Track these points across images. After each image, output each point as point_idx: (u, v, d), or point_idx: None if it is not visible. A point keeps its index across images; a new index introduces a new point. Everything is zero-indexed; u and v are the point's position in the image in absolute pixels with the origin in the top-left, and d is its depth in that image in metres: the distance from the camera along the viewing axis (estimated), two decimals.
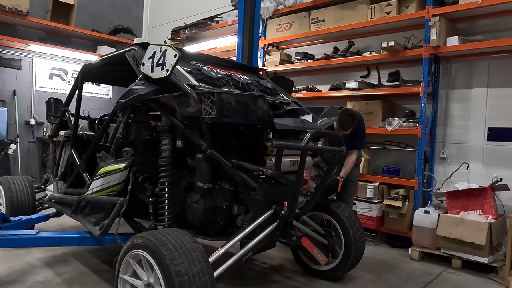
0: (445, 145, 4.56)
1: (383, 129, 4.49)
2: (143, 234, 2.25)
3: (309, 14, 5.36)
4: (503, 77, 4.16)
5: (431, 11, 4.17)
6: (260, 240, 2.59)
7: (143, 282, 2.24)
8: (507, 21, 4.09)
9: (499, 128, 4.18)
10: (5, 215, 3.33)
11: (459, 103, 4.49)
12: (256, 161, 2.76)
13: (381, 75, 4.99)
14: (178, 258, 2.03)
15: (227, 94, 2.43)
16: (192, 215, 2.83)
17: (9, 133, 6.75)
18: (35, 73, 7.19)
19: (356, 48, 5.14)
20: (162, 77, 2.58)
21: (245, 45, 4.41)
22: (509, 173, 4.01)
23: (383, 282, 3.40)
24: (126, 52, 3.01)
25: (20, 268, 3.30)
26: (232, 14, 6.21)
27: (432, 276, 3.57)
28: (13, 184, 3.91)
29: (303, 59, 5.48)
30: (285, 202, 2.79)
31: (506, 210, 3.89)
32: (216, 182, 2.81)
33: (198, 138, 2.65)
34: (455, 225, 3.71)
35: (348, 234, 3.19)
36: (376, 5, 4.69)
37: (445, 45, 4.16)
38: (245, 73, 3.36)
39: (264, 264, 3.70)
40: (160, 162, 2.79)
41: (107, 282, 3.08)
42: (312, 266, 3.42)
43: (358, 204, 4.54)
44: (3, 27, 6.57)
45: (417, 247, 4.04)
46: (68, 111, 3.94)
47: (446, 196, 3.99)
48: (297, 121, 2.96)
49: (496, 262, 3.59)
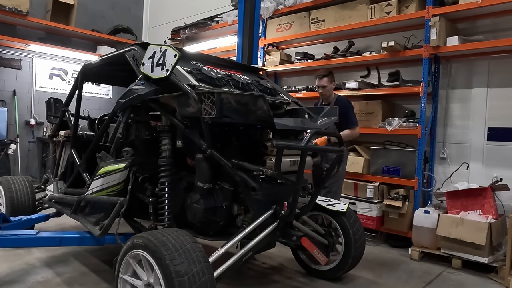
0: (445, 145, 4.57)
1: (383, 129, 4.49)
2: (143, 234, 2.25)
3: (309, 14, 5.36)
4: (503, 77, 4.16)
5: (431, 11, 4.17)
6: (260, 240, 2.59)
7: (143, 282, 2.24)
8: (507, 21, 4.09)
9: (499, 128, 4.18)
10: (5, 215, 3.33)
11: (459, 103, 4.49)
12: (256, 161, 2.76)
13: (381, 75, 4.99)
14: (178, 258, 2.03)
15: (227, 94, 2.43)
16: (192, 215, 2.83)
17: (9, 133, 6.75)
18: (35, 73, 7.19)
19: (356, 48, 5.14)
20: (162, 77, 2.58)
21: (245, 45, 4.41)
22: (509, 173, 4.01)
23: (383, 282, 3.40)
24: (126, 52, 3.01)
25: (20, 268, 3.30)
26: (232, 14, 6.21)
27: (432, 276, 3.56)
28: (13, 184, 3.91)
29: (303, 59, 5.48)
30: (285, 202, 2.79)
31: (506, 210, 3.89)
32: (216, 182, 2.81)
33: (198, 138, 2.65)
34: (455, 225, 3.71)
35: (348, 234, 3.19)
36: (376, 5, 4.69)
37: (445, 45, 4.16)
38: (245, 73, 3.36)
39: (264, 264, 3.70)
40: (160, 162, 2.79)
41: (107, 282, 3.08)
42: (312, 266, 3.42)
43: (358, 204, 4.55)
44: (3, 27, 6.57)
45: (417, 247, 4.04)
46: (68, 111, 3.94)
47: (446, 196, 3.99)
48: (297, 121, 2.96)
49: (496, 262, 3.59)
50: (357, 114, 4.87)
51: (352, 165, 4.67)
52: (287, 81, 6.15)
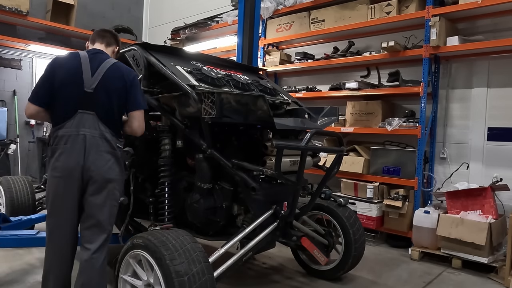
0: (445, 145, 4.56)
1: (383, 129, 4.49)
2: (143, 234, 2.25)
3: (309, 14, 5.36)
4: (503, 77, 4.16)
5: (431, 11, 4.17)
6: (260, 240, 2.59)
7: (143, 282, 2.24)
8: (507, 21, 4.09)
9: (499, 128, 4.18)
10: (5, 215, 3.33)
11: (459, 103, 4.49)
12: (256, 161, 2.76)
13: (381, 75, 4.99)
14: (178, 258, 2.03)
15: (227, 94, 2.43)
16: (192, 215, 2.83)
17: (9, 133, 6.75)
18: (35, 73, 7.18)
19: (356, 48, 5.14)
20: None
21: (245, 45, 4.40)
22: (509, 173, 4.01)
23: (383, 282, 3.40)
24: (126, 52, 3.01)
25: (20, 268, 3.30)
26: (232, 14, 6.21)
27: (432, 276, 3.57)
28: (13, 184, 3.91)
29: (303, 59, 5.48)
30: (285, 202, 2.79)
31: (506, 210, 3.89)
32: (216, 182, 2.81)
33: (198, 138, 2.65)
34: (455, 225, 3.71)
35: (348, 234, 3.19)
36: (376, 5, 4.69)
37: (445, 45, 4.16)
38: (245, 73, 3.36)
39: (264, 264, 3.70)
40: (160, 162, 2.79)
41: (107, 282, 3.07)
42: (312, 266, 3.42)
43: (358, 204, 4.55)
44: (3, 27, 6.57)
45: (417, 247, 4.04)
46: None
47: (446, 196, 3.99)
48: (297, 121, 2.96)
49: (496, 262, 3.59)
50: (357, 114, 4.90)
51: (352, 165, 4.68)
52: (287, 81, 6.15)
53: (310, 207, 3.05)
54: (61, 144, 2.18)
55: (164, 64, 2.70)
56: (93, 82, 2.23)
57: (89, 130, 2.19)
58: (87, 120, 2.20)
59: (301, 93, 5.35)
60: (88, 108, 2.21)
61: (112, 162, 2.25)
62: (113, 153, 2.25)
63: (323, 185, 2.99)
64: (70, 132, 2.18)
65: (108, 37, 2.53)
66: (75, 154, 2.16)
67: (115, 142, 2.27)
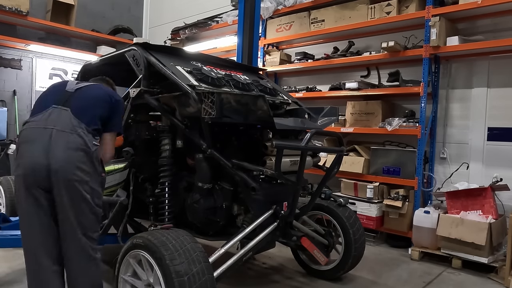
0: (445, 145, 4.56)
1: (383, 129, 4.49)
2: (143, 234, 2.25)
3: (309, 14, 5.36)
4: (503, 77, 4.16)
5: (431, 11, 4.17)
6: (260, 240, 2.59)
7: (143, 282, 2.24)
8: (507, 21, 4.09)
9: (499, 128, 4.18)
10: (5, 215, 3.33)
11: (459, 103, 4.49)
12: (256, 161, 2.76)
13: (381, 75, 4.99)
14: (178, 258, 2.03)
15: (227, 94, 2.43)
16: (192, 215, 2.83)
17: (9, 133, 6.74)
18: (35, 73, 7.18)
19: (356, 48, 5.14)
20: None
21: (245, 45, 4.40)
22: (509, 173, 4.01)
23: (383, 282, 3.40)
24: (126, 52, 3.02)
25: (20, 268, 3.30)
26: (232, 14, 6.21)
27: (432, 276, 3.57)
28: (13, 184, 3.90)
29: (303, 59, 5.48)
30: (285, 202, 2.79)
31: (506, 210, 3.89)
32: (216, 182, 2.81)
33: (198, 138, 2.65)
34: (455, 225, 3.71)
35: (348, 234, 3.19)
36: (376, 5, 4.69)
37: (445, 45, 4.16)
38: (245, 73, 3.36)
39: (264, 264, 3.70)
40: (160, 162, 2.79)
41: (107, 282, 3.06)
42: (312, 266, 3.42)
43: (358, 204, 4.55)
44: (3, 27, 6.56)
45: (417, 247, 4.04)
46: None
47: (446, 196, 3.99)
48: (297, 121, 2.96)
49: (496, 262, 3.59)
50: (357, 114, 4.90)
51: (352, 165, 4.68)
52: (287, 81, 6.15)
53: (310, 207, 3.05)
54: (25, 140, 2.05)
55: (164, 64, 2.70)
56: (76, 86, 2.26)
57: (59, 125, 2.03)
58: (60, 115, 2.07)
59: (301, 93, 5.35)
60: (64, 104, 2.12)
61: (84, 161, 2.04)
62: (86, 150, 2.05)
63: (323, 185, 2.99)
64: (37, 125, 2.05)
65: (105, 83, 2.70)
66: (39, 150, 1.99)
67: (90, 139, 2.08)
